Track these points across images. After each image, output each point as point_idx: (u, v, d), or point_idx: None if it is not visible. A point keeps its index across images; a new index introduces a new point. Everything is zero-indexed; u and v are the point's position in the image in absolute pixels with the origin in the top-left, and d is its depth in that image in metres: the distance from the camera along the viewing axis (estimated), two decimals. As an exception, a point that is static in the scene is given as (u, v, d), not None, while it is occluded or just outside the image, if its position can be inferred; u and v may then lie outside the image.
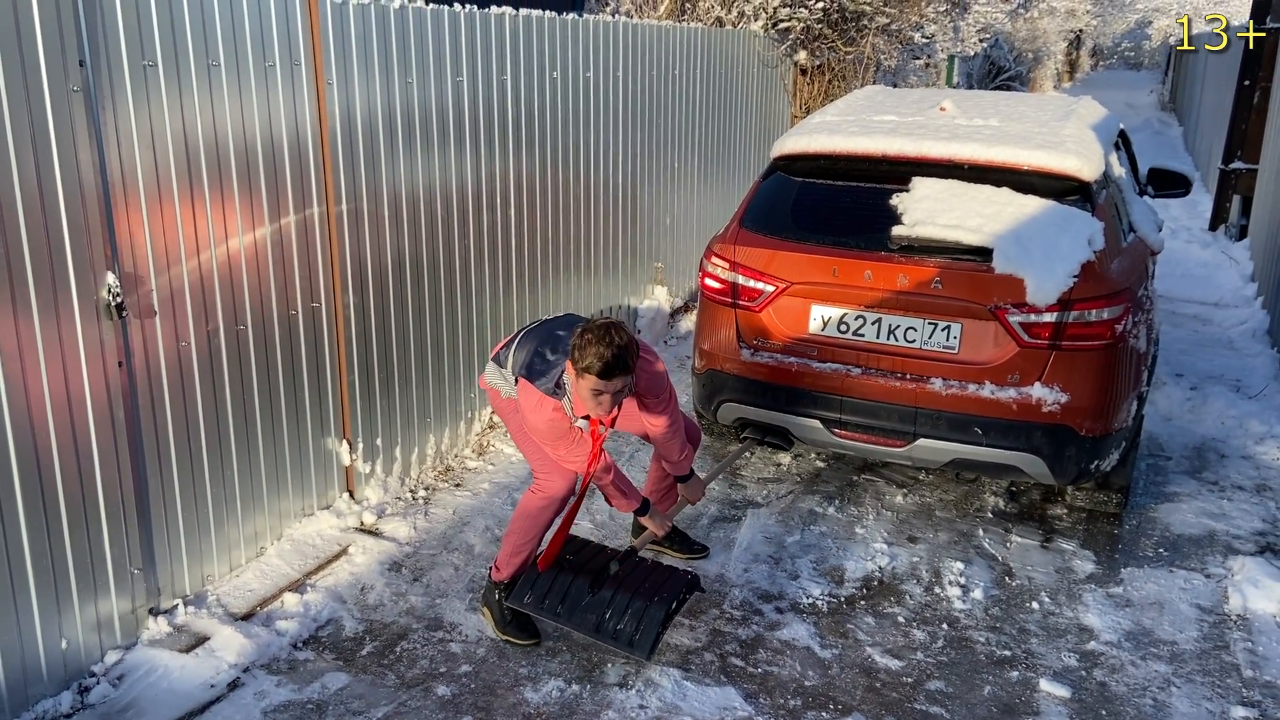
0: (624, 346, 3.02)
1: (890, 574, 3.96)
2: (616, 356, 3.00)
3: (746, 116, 7.88)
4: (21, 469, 2.85)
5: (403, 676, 3.28)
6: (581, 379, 3.04)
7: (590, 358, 3.00)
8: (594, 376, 3.01)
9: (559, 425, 3.22)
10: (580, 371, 3.03)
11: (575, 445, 3.28)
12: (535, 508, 3.49)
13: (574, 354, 3.04)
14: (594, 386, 3.04)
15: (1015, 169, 3.96)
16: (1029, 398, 3.80)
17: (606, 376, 3.01)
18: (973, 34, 14.79)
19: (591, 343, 3.00)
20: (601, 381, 3.02)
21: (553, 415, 3.21)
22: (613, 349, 2.99)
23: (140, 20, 3.08)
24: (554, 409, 3.20)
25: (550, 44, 5.17)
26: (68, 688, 3.06)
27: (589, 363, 3.00)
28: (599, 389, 3.04)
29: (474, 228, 4.77)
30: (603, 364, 2.99)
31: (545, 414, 3.21)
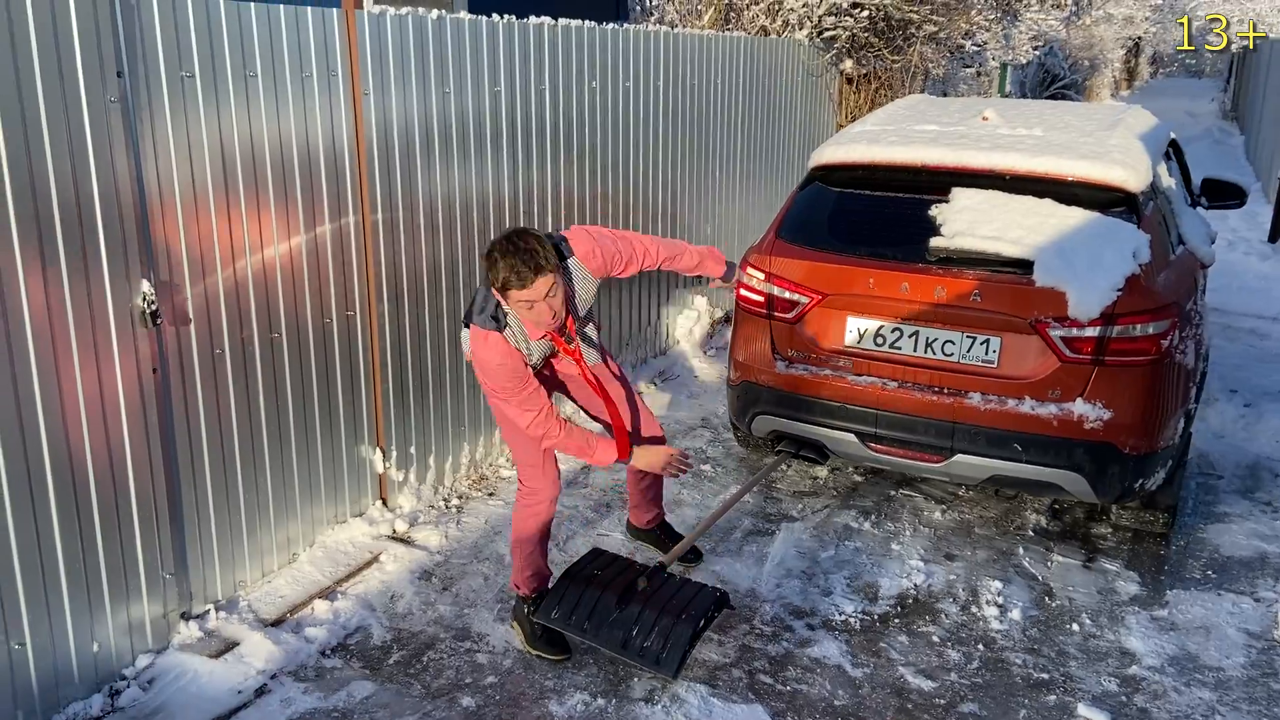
0: (530, 248, 2.88)
1: (926, 592, 3.88)
2: (526, 260, 2.86)
3: (790, 126, 7.82)
4: (55, 473, 2.90)
5: (428, 687, 3.28)
6: (508, 298, 2.94)
7: (502, 273, 2.88)
8: (515, 290, 2.89)
9: (510, 365, 3.07)
10: (502, 292, 2.93)
11: (532, 395, 3.13)
12: (521, 519, 3.47)
13: (490, 278, 2.93)
14: (521, 299, 2.92)
15: (1058, 179, 3.87)
16: (1070, 414, 3.70)
17: (525, 284, 2.88)
18: (1024, 42, 14.55)
19: (498, 259, 2.88)
20: (525, 291, 2.89)
21: (502, 356, 3.06)
22: (520, 254, 2.86)
23: (178, 32, 3.12)
24: (500, 344, 3.05)
25: (589, 54, 5.17)
26: (98, 690, 3.10)
27: (504, 278, 2.88)
28: (527, 299, 2.92)
29: (510, 237, 4.77)
30: (515, 273, 2.86)
31: (495, 355, 3.06)
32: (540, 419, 3.19)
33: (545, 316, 2.99)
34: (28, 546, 2.85)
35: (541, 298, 2.93)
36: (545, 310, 2.97)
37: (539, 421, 3.19)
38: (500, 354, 3.06)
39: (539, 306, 2.95)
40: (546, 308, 2.96)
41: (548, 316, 3.00)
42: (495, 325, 3.06)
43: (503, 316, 3.07)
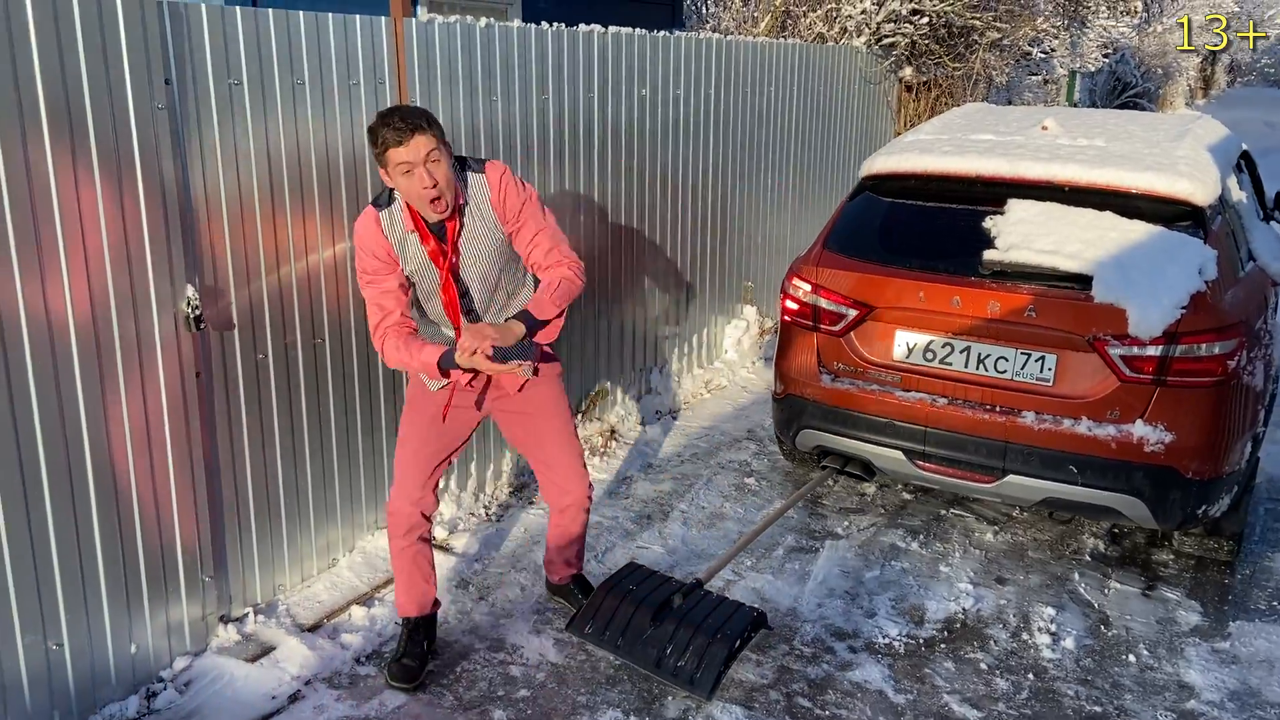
0: (413, 110, 2.78)
1: (974, 616, 3.75)
2: (405, 117, 2.74)
3: (846, 134, 7.71)
4: (97, 474, 2.93)
5: (460, 698, 3.25)
6: (392, 170, 2.78)
7: (381, 132, 2.74)
8: (393, 149, 2.73)
9: (370, 245, 2.91)
10: (382, 159, 2.78)
11: (384, 295, 2.94)
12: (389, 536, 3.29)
13: (374, 153, 2.80)
14: (400, 162, 2.74)
15: (1121, 191, 3.73)
16: (1130, 436, 3.55)
17: (401, 140, 2.72)
18: (1094, 49, 14.20)
19: (377, 123, 2.76)
20: (402, 149, 2.73)
21: (365, 229, 2.92)
22: (398, 112, 2.75)
23: (226, 39, 3.15)
24: (370, 218, 2.93)
25: (640, 61, 5.14)
26: (135, 692, 3.12)
27: (383, 138, 2.73)
28: (405, 161, 2.74)
29: (556, 245, 4.75)
30: (392, 129, 2.72)
31: (360, 228, 2.94)
32: (377, 326, 2.97)
33: (422, 184, 2.77)
34: (68, 547, 2.88)
35: (420, 161, 2.75)
36: (424, 177, 2.76)
37: (375, 328, 2.97)
38: (364, 227, 2.94)
39: (418, 172, 2.76)
40: (425, 174, 2.76)
41: (426, 184, 2.77)
42: (380, 204, 2.96)
43: (387, 197, 2.96)
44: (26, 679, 2.82)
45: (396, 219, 2.95)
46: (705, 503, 4.63)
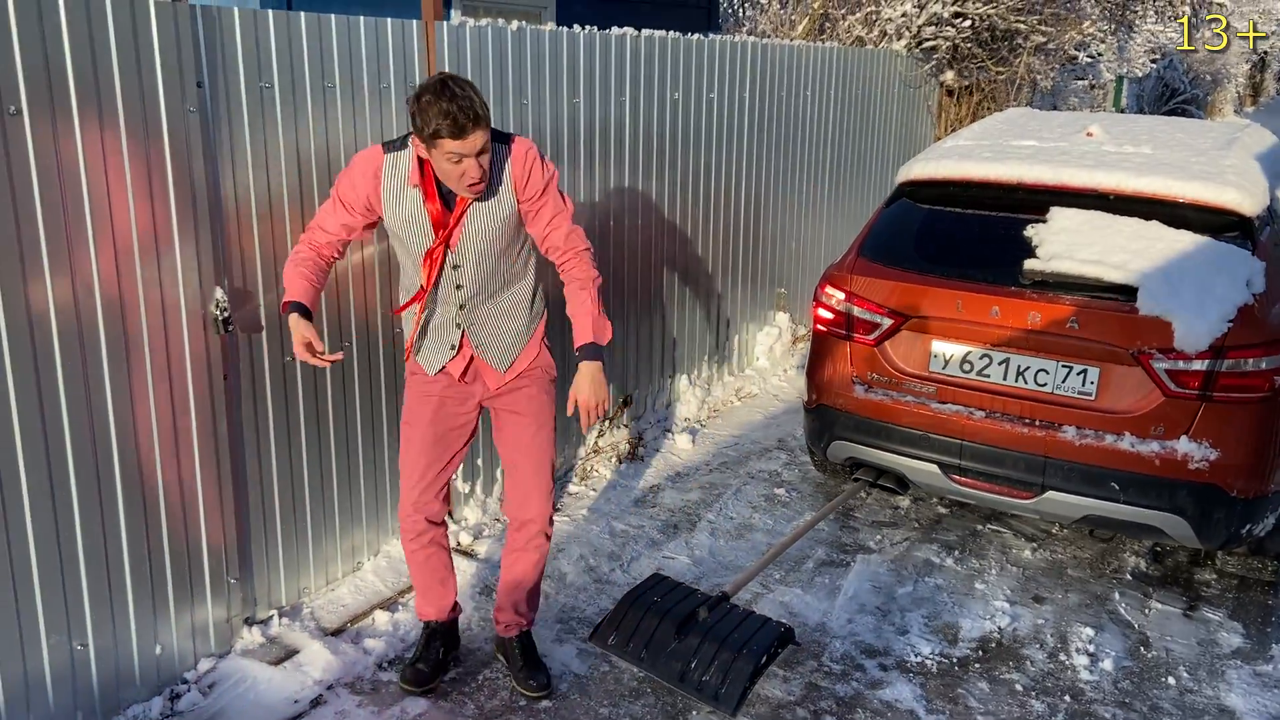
0: (469, 96, 2.56)
1: (1010, 636, 3.65)
2: (464, 108, 2.53)
3: (885, 140, 7.60)
4: (124, 475, 2.93)
5: (482, 708, 3.21)
6: (435, 150, 2.61)
7: (435, 119, 2.53)
8: (446, 139, 2.56)
9: (356, 171, 2.81)
10: (430, 141, 2.59)
11: (330, 210, 2.87)
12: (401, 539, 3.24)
13: (416, 125, 2.59)
14: (450, 151, 2.58)
15: (1167, 201, 3.62)
16: (1174, 453, 3.44)
17: (461, 134, 2.55)
18: (1141, 54, 13.93)
19: (432, 102, 2.53)
20: (457, 143, 2.57)
21: (365, 161, 2.81)
22: (458, 101, 2.52)
23: (258, 42, 3.14)
24: (375, 155, 2.81)
25: (673, 65, 5.09)
26: (159, 693, 3.12)
27: (436, 126, 2.54)
28: (457, 153, 2.58)
29: (588, 250, 4.71)
30: (451, 120, 2.53)
31: (360, 157, 2.83)
32: (304, 234, 2.93)
33: (473, 174, 2.65)
34: (94, 547, 2.88)
35: (474, 153, 2.61)
36: (474, 168, 2.64)
37: (303, 234, 2.93)
38: (363, 163, 2.81)
39: (468, 164, 2.63)
40: (476, 166, 2.64)
41: (475, 175, 2.65)
42: (390, 147, 2.80)
43: (401, 142, 2.79)
44: (50, 678, 2.83)
45: (402, 168, 2.78)
46: (734, 513, 4.57)
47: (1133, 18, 11.65)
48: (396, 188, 2.80)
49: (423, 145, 2.64)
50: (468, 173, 2.64)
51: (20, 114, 2.55)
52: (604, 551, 4.17)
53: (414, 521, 3.17)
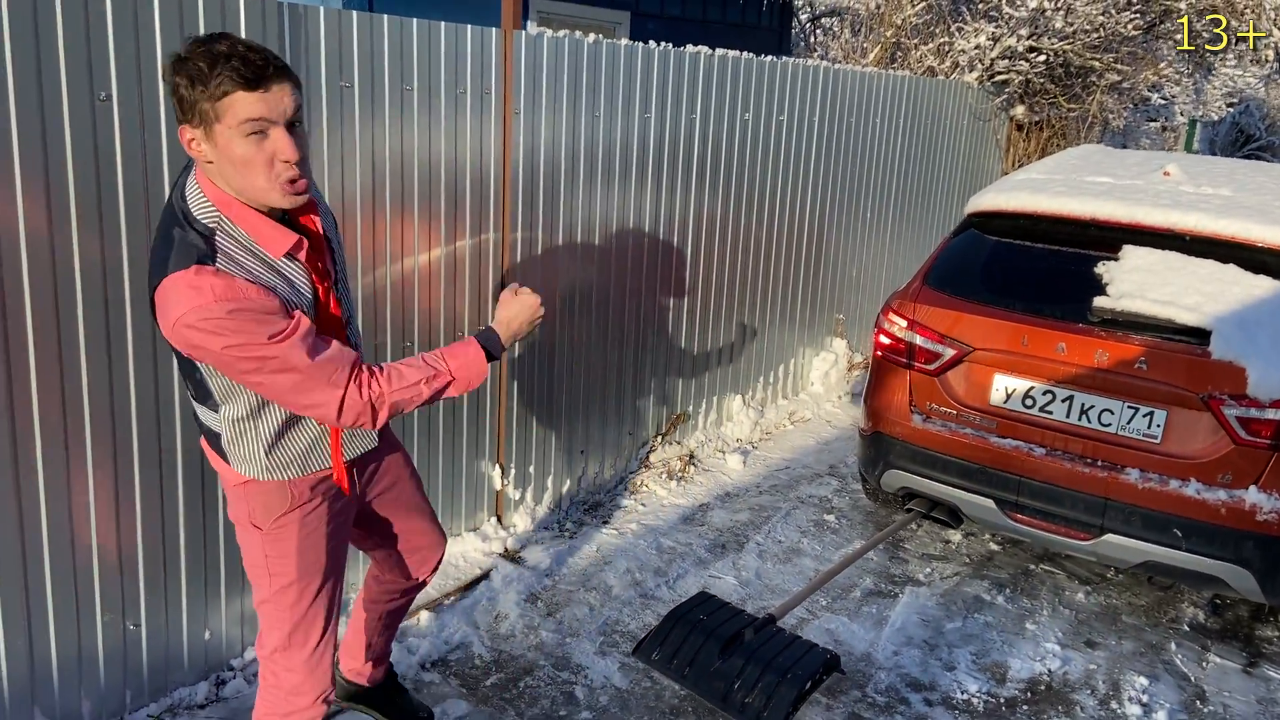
0: (260, 46, 1.84)
1: (1061, 679, 3.56)
2: (257, 52, 1.80)
3: (951, 171, 7.53)
4: (185, 464, 2.98)
5: (522, 714, 3.21)
6: (218, 124, 1.80)
7: (221, 70, 1.76)
8: (243, 93, 1.77)
9: (249, 303, 1.83)
10: (203, 110, 1.79)
11: (315, 336, 1.95)
12: None
13: (193, 93, 1.78)
14: (248, 118, 1.79)
15: (1246, 244, 3.52)
16: (1241, 502, 3.34)
17: (258, 83, 1.78)
18: (1218, 97, 13.66)
19: (197, 54, 1.78)
20: (255, 99, 1.78)
21: (226, 292, 1.81)
22: (247, 45, 1.80)
23: (341, 42, 3.20)
24: (215, 279, 1.81)
25: (745, 85, 5.09)
26: (205, 679, 3.16)
27: (219, 75, 1.75)
28: (261, 118, 1.80)
29: (647, 266, 4.72)
30: (237, 63, 1.77)
31: (212, 295, 1.80)
32: (352, 371, 1.98)
33: (288, 152, 1.84)
34: (153, 532, 2.94)
35: (283, 119, 1.84)
36: (287, 146, 1.84)
37: (351, 375, 1.98)
38: (221, 291, 1.81)
39: (277, 137, 1.83)
40: (289, 144, 1.84)
41: (291, 153, 1.85)
42: (198, 253, 1.84)
43: (208, 236, 1.86)
44: (103, 657, 2.88)
45: (239, 256, 1.89)
46: (782, 536, 4.52)
47: (1211, 60, 11.44)
48: (267, 272, 1.93)
49: (204, 139, 1.83)
50: (280, 151, 1.84)
51: (110, 100, 2.62)
52: (650, 567, 4.15)
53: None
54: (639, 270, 4.67)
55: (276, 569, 2.23)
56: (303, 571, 2.26)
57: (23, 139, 2.47)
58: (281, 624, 2.28)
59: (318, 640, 2.33)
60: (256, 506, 2.19)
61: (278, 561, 2.23)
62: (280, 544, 2.21)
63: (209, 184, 1.92)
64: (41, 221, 2.54)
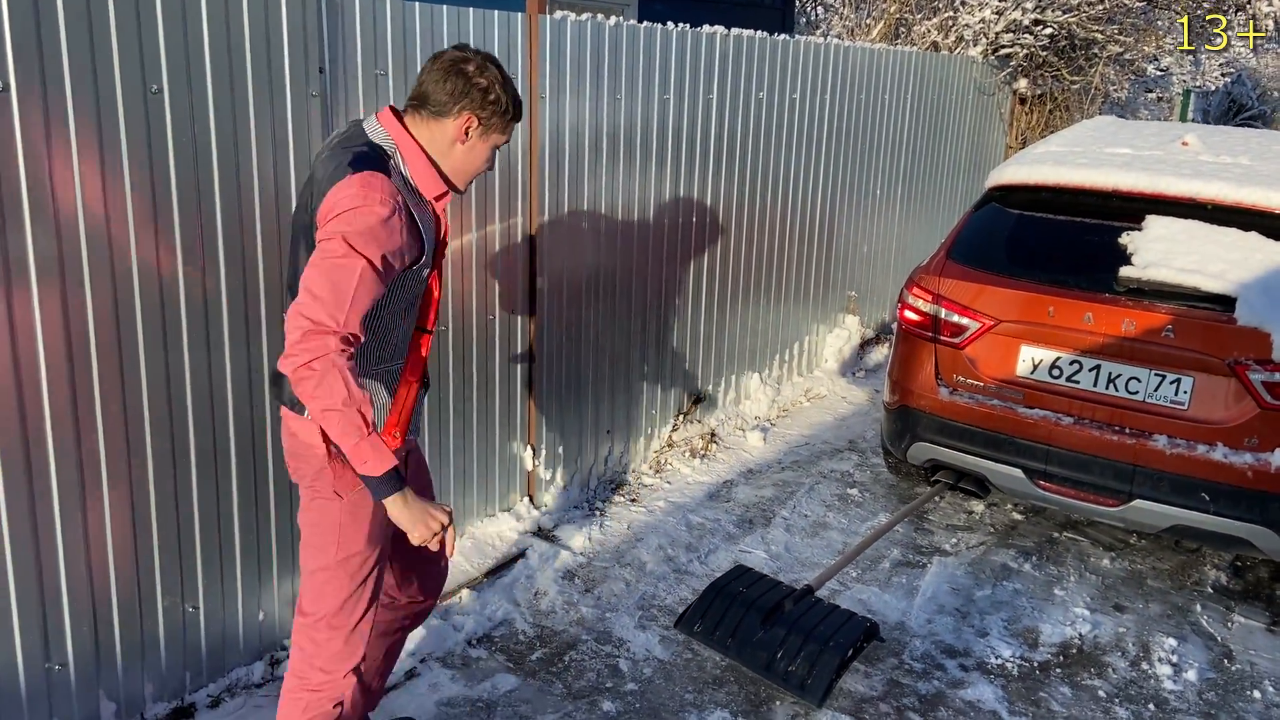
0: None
1: (1092, 643, 3.64)
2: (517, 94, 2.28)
3: (957, 146, 7.57)
4: (239, 448, 3.03)
5: (570, 687, 3.28)
6: (491, 135, 2.24)
7: (512, 94, 2.21)
8: (512, 126, 2.28)
9: (400, 221, 2.09)
10: (502, 119, 2.23)
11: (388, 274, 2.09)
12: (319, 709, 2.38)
13: (486, 97, 2.17)
14: (504, 142, 2.29)
15: (1268, 212, 3.58)
16: (1268, 465, 3.42)
17: (520, 116, 2.30)
18: (1215, 67, 13.70)
19: (499, 73, 2.20)
20: (514, 126, 2.30)
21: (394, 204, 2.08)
22: (509, 78, 2.25)
23: (376, 30, 3.23)
24: (392, 191, 2.10)
25: (759, 65, 5.12)
26: (260, 659, 3.22)
27: (507, 103, 2.21)
28: (500, 144, 2.30)
29: (667, 247, 4.77)
30: (517, 105, 2.25)
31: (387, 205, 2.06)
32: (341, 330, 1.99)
33: (490, 164, 2.33)
34: (208, 514, 2.99)
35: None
36: (492, 164, 2.35)
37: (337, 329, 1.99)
38: (393, 202, 2.08)
39: (493, 155, 2.32)
40: (492, 164, 2.37)
41: (491, 166, 2.36)
42: (377, 165, 2.12)
43: (378, 157, 2.15)
44: (164, 638, 2.94)
45: (398, 183, 2.17)
46: (807, 511, 4.59)
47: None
48: (420, 212, 2.21)
49: (483, 123, 2.22)
50: (488, 162, 2.32)
51: (161, 93, 2.66)
52: (681, 542, 4.22)
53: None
54: (659, 251, 4.71)
55: (347, 537, 2.29)
56: (369, 543, 2.33)
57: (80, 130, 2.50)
58: (338, 592, 2.32)
59: (363, 611, 2.38)
60: (342, 476, 2.26)
61: (350, 529, 2.29)
62: (356, 514, 2.28)
63: (406, 136, 2.21)
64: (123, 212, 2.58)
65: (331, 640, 2.35)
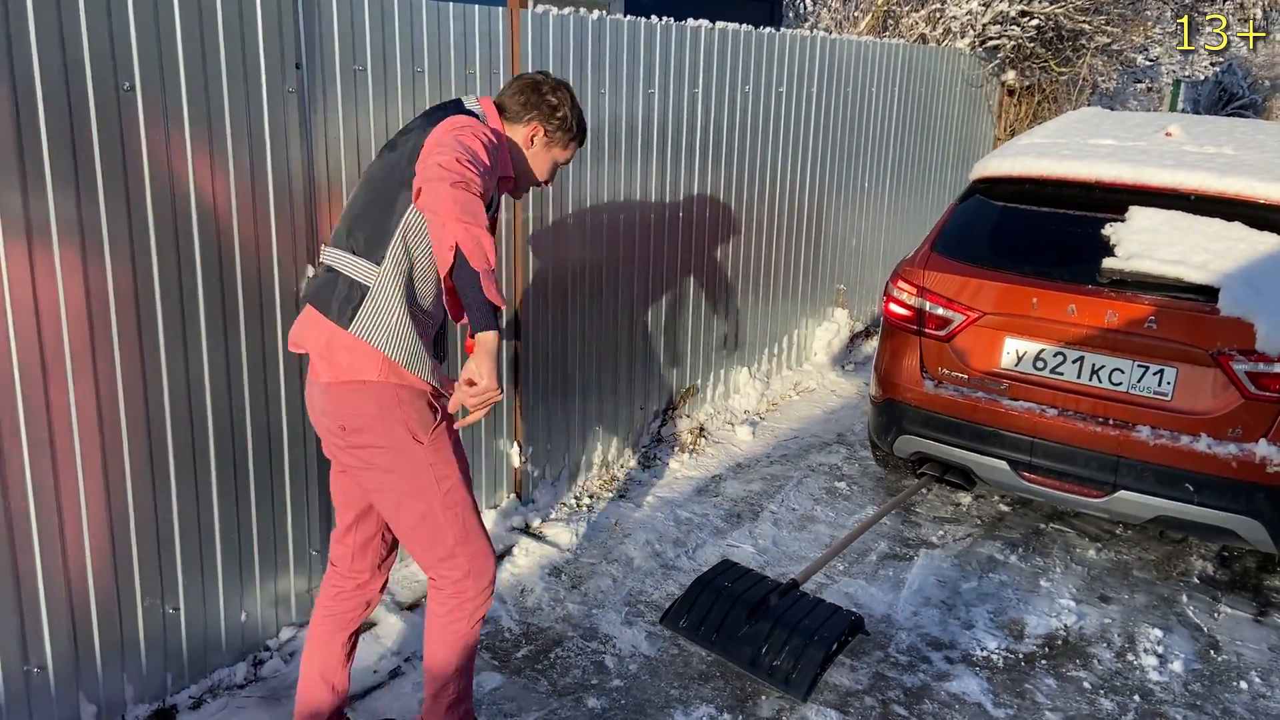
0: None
1: (1077, 634, 3.65)
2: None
3: (945, 138, 7.56)
4: (218, 447, 3.02)
5: (555, 684, 3.27)
6: (554, 148, 2.61)
7: (579, 116, 2.61)
8: (574, 144, 2.66)
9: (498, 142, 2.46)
10: (564, 139, 2.60)
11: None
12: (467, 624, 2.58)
13: (554, 113, 2.55)
14: (566, 159, 2.68)
15: (1251, 202, 3.58)
16: (1252, 455, 3.42)
17: (583, 139, 2.70)
18: (1204, 58, 13.70)
19: (570, 96, 2.59)
20: (575, 146, 2.68)
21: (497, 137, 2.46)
22: (579, 104, 2.66)
23: (354, 26, 3.21)
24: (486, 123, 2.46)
25: (744, 58, 5.11)
26: (243, 659, 3.21)
27: (578, 125, 2.62)
28: (567, 161, 2.69)
29: (653, 242, 4.75)
30: (584, 131, 2.67)
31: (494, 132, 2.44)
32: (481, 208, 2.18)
33: (550, 181, 2.73)
34: (189, 516, 2.97)
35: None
36: (549, 174, 2.69)
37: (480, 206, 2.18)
38: (484, 127, 2.42)
39: (554, 169, 2.69)
40: (552, 177, 2.72)
41: (552, 182, 2.77)
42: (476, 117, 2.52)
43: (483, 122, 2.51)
44: (144, 640, 2.92)
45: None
46: (795, 504, 4.59)
47: (1200, 21, 11.48)
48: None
49: (548, 135, 2.58)
50: (548, 174, 2.69)
51: (134, 90, 2.63)
52: (669, 538, 4.21)
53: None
54: (645, 246, 4.70)
55: (442, 472, 2.46)
56: (460, 470, 2.52)
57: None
58: (454, 521, 2.49)
59: (479, 525, 2.57)
60: (414, 421, 2.40)
61: (442, 466, 2.47)
62: (439, 450, 2.47)
63: (495, 116, 2.55)
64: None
65: (473, 559, 2.52)
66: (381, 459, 2.42)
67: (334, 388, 2.39)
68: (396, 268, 2.35)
